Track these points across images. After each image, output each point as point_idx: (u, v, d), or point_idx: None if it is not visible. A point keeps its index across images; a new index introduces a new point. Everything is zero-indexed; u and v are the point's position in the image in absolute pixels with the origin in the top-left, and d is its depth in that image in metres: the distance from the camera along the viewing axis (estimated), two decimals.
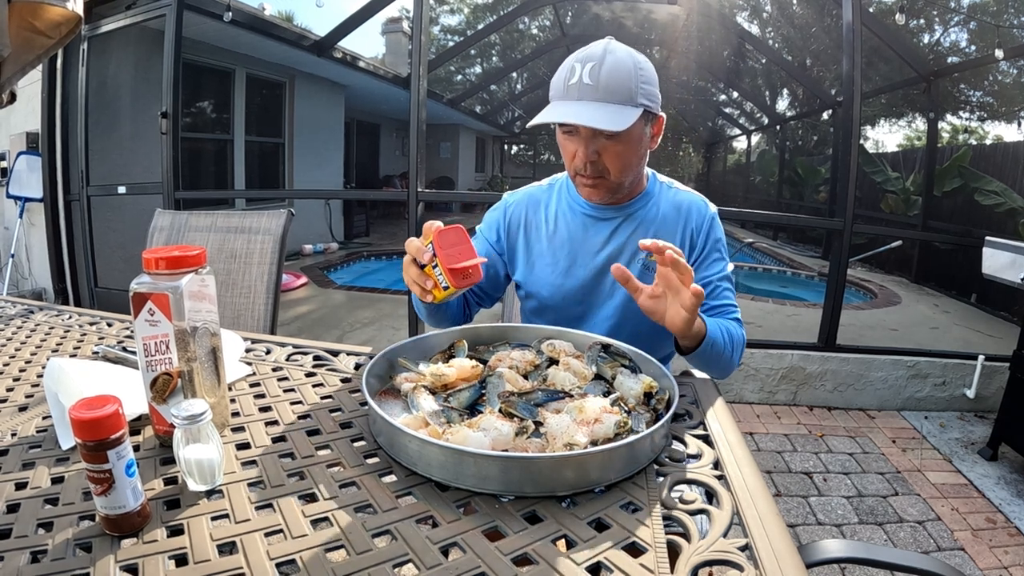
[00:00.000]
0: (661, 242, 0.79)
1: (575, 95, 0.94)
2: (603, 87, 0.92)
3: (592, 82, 0.92)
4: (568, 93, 0.94)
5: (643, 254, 1.10)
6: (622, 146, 0.98)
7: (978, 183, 5.40)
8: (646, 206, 1.12)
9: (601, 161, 0.98)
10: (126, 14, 3.65)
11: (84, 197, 3.89)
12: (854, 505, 2.11)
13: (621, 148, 0.98)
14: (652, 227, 1.11)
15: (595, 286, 1.11)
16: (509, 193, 1.22)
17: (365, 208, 9.33)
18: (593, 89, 0.92)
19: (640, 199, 1.12)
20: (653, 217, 1.11)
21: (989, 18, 5.72)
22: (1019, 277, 2.46)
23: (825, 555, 0.72)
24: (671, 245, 0.80)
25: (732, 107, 12.40)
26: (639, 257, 1.10)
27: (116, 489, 0.51)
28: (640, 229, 1.10)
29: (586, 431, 0.64)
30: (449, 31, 11.85)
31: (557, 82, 0.97)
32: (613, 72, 0.92)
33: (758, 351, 3.00)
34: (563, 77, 0.96)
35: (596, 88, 0.92)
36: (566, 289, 1.12)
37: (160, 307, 0.63)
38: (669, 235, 1.11)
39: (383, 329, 3.97)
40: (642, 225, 1.11)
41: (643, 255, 1.10)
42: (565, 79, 0.95)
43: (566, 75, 0.95)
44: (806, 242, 8.89)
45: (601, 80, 0.92)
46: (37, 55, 1.22)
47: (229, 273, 1.51)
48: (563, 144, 1.02)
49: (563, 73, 0.96)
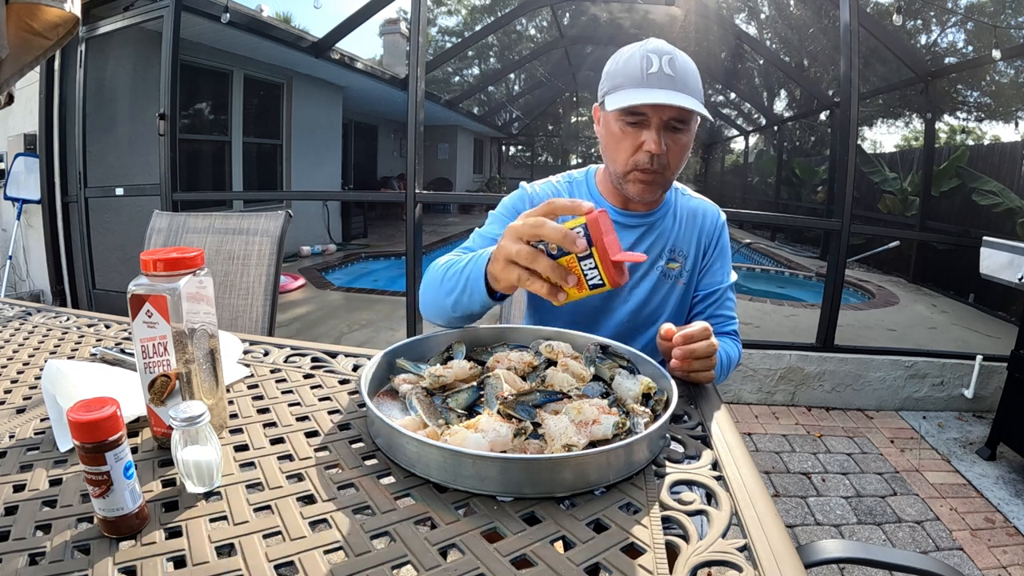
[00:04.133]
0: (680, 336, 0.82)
1: (659, 84, 0.93)
2: (681, 80, 0.94)
3: (673, 73, 0.94)
4: (650, 81, 0.94)
5: (662, 261, 1.10)
6: (686, 140, 0.99)
7: (976, 183, 5.42)
8: (666, 215, 1.12)
9: (666, 155, 0.98)
10: (124, 15, 3.65)
11: (82, 199, 3.88)
12: (853, 505, 2.11)
13: (685, 142, 1.00)
14: (672, 236, 1.11)
15: (613, 294, 1.09)
16: (529, 184, 1.16)
17: (363, 209, 9.32)
18: (675, 80, 0.94)
19: (662, 208, 1.12)
20: (672, 225, 1.11)
21: (986, 19, 5.74)
22: (1017, 277, 2.47)
23: (824, 555, 0.72)
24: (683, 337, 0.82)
25: (730, 108, 12.42)
26: (658, 265, 1.10)
27: (114, 491, 0.51)
28: (661, 238, 1.11)
29: (584, 432, 0.64)
30: (447, 32, 11.88)
31: (628, 71, 0.96)
32: (688, 67, 0.96)
33: (756, 352, 3.01)
34: (638, 66, 0.95)
35: (677, 79, 0.94)
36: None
37: (158, 309, 0.62)
38: (686, 243, 1.12)
39: (381, 330, 3.97)
40: (662, 235, 1.11)
41: (662, 263, 1.10)
42: (643, 68, 0.94)
43: (643, 64, 0.94)
44: (804, 242, 8.91)
45: (679, 72, 0.94)
46: (35, 56, 1.22)
47: (227, 275, 1.50)
48: (622, 136, 0.98)
49: (635, 63, 0.95)
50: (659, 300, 1.10)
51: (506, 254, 0.72)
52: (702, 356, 0.82)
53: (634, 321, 1.10)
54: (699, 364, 0.82)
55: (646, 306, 1.09)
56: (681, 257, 1.11)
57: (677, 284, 1.11)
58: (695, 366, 0.82)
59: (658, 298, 1.10)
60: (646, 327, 1.10)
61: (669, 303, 1.11)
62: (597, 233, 0.64)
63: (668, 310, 1.11)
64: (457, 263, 0.89)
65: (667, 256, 1.10)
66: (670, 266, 1.10)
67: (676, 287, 1.11)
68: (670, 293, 1.11)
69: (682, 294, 1.12)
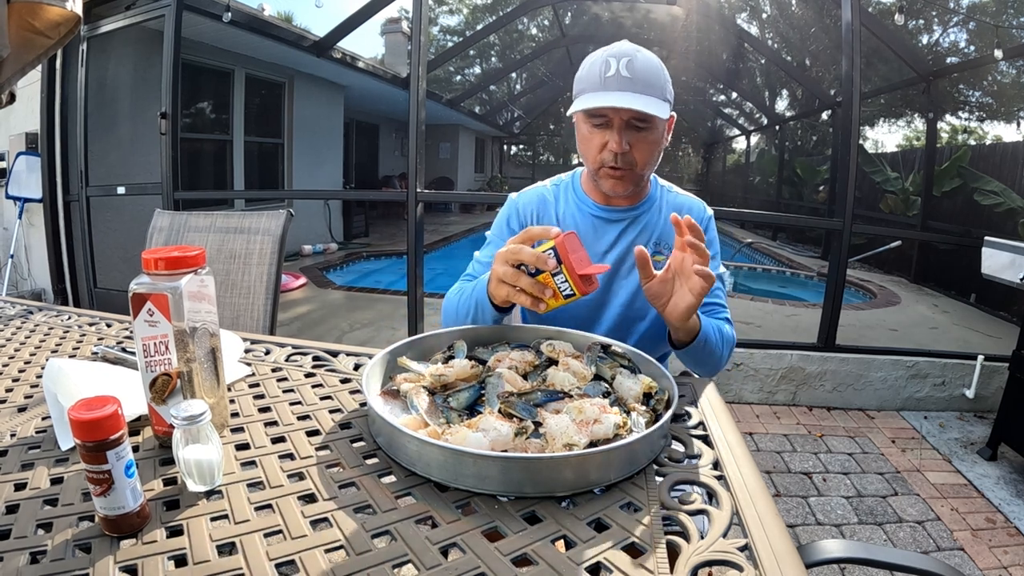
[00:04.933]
0: (690, 218, 0.83)
1: (615, 86, 0.97)
2: (640, 80, 0.97)
3: (630, 75, 0.97)
4: (607, 84, 0.97)
5: (651, 251, 1.12)
6: (652, 138, 1.02)
7: (977, 183, 5.41)
8: (650, 209, 1.15)
9: (631, 153, 1.01)
10: (125, 14, 3.65)
11: (83, 198, 3.89)
12: (854, 505, 2.11)
13: (651, 140, 1.02)
14: (657, 229, 1.14)
15: (604, 287, 1.12)
16: (515, 193, 1.23)
17: (364, 209, 9.32)
18: (632, 82, 0.97)
19: (646, 202, 1.15)
20: (656, 220, 1.14)
21: (988, 18, 5.73)
22: (1018, 277, 2.47)
23: (825, 555, 0.72)
24: (697, 225, 0.82)
25: (731, 107, 12.41)
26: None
27: (115, 490, 0.51)
28: (645, 232, 1.13)
29: (585, 431, 0.64)
30: (448, 31, 11.87)
31: (590, 76, 1.00)
32: (647, 67, 0.98)
33: (757, 351, 3.00)
34: (597, 71, 0.99)
35: (634, 81, 0.97)
36: None
37: (159, 308, 0.62)
38: (671, 236, 1.12)
39: (382, 329, 3.97)
40: (647, 228, 1.14)
41: (651, 252, 1.12)
42: (600, 72, 0.98)
43: (600, 69, 0.98)
44: (805, 242, 8.89)
45: (638, 74, 0.97)
46: (36, 55, 1.22)
47: (228, 273, 1.50)
48: (589, 137, 1.04)
49: (596, 67, 0.99)
50: None
51: (496, 276, 0.85)
52: (701, 255, 0.82)
53: (627, 315, 1.12)
54: (698, 257, 0.83)
55: (636, 299, 1.12)
56: (667, 250, 1.13)
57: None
58: (685, 264, 0.85)
59: None
60: (638, 320, 1.12)
61: None
62: (564, 253, 0.77)
63: None
64: (466, 290, 1.03)
65: (652, 249, 1.13)
66: (656, 259, 1.12)
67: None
68: None
69: None
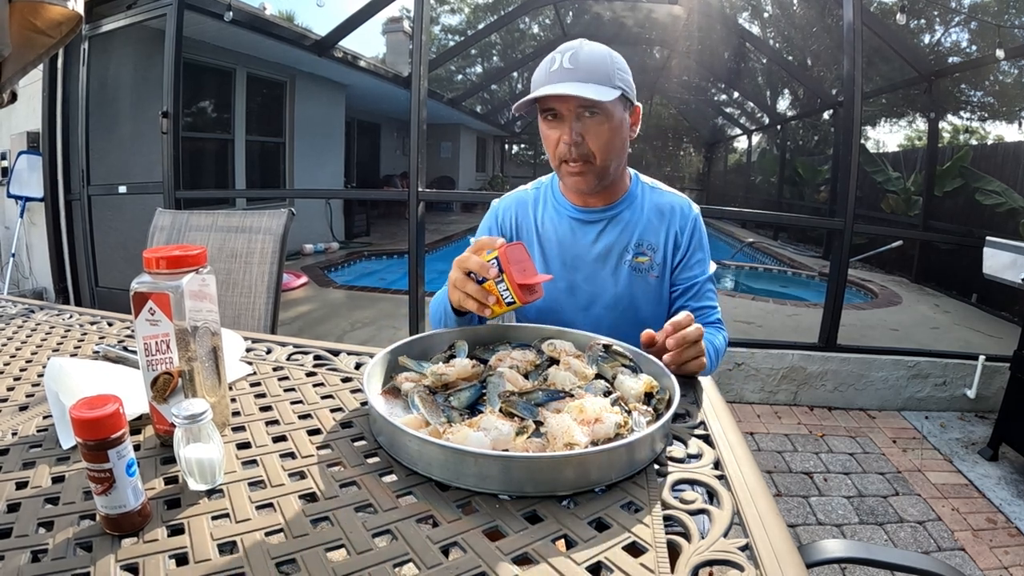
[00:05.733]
0: (672, 326, 0.82)
1: (559, 78, 0.98)
2: (583, 69, 0.98)
3: (572, 66, 0.98)
4: (551, 78, 0.99)
5: (629, 255, 1.12)
6: (605, 126, 1.01)
7: (979, 183, 5.40)
8: (631, 207, 1.13)
9: (586, 143, 1.01)
10: (127, 13, 3.65)
11: (85, 196, 3.89)
12: (854, 505, 2.11)
13: (604, 128, 1.01)
14: (637, 229, 1.12)
15: (585, 288, 1.12)
16: (498, 199, 1.24)
17: (365, 208, 9.33)
18: (573, 72, 0.98)
19: (624, 200, 1.14)
20: (638, 219, 1.13)
21: (990, 18, 5.71)
22: (1020, 277, 2.46)
23: (825, 555, 0.72)
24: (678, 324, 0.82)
25: (733, 107, 12.39)
26: (626, 259, 1.12)
27: (116, 488, 0.51)
28: (626, 231, 1.12)
29: (586, 431, 0.64)
30: (450, 31, 11.84)
31: (539, 75, 1.02)
32: (590, 57, 0.99)
33: (759, 351, 3.00)
34: (544, 69, 1.01)
35: (576, 70, 0.98)
36: (558, 290, 1.13)
37: (161, 306, 0.63)
38: (654, 236, 1.13)
39: (383, 328, 3.97)
40: (628, 227, 1.12)
41: (629, 256, 1.12)
42: (546, 69, 1.00)
43: (547, 65, 1.01)
44: (807, 242, 8.89)
45: (580, 64, 0.98)
46: (38, 54, 1.22)
47: (230, 272, 1.51)
48: (547, 135, 1.05)
49: (544, 65, 1.02)
50: (633, 295, 1.12)
51: (450, 281, 0.89)
52: (693, 340, 0.82)
53: (612, 316, 1.12)
54: (692, 351, 0.83)
55: (621, 300, 1.12)
56: (650, 251, 1.12)
57: (649, 278, 1.12)
58: (689, 353, 0.83)
59: (632, 293, 1.12)
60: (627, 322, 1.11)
61: (645, 297, 1.13)
62: (506, 262, 0.82)
63: (645, 304, 1.13)
64: (439, 296, 1.06)
65: (634, 250, 1.12)
66: (639, 260, 1.12)
67: (649, 281, 1.12)
68: (644, 287, 1.12)
69: (657, 288, 1.13)
